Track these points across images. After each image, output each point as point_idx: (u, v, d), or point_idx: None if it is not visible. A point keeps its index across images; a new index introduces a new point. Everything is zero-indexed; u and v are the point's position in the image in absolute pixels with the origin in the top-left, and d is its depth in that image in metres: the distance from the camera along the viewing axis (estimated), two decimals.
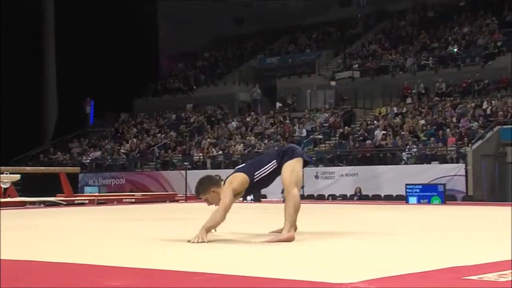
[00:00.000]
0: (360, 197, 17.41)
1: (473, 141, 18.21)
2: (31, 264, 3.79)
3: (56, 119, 31.29)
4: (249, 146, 23.15)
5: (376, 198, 17.48)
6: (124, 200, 15.93)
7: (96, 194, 18.28)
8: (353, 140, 20.77)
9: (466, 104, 21.29)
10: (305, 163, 5.17)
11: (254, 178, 4.97)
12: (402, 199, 15.19)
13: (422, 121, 20.74)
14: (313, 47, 30.78)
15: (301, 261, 3.84)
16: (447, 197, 14.50)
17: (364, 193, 17.69)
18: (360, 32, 30.93)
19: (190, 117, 28.02)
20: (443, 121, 20.31)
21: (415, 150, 19.25)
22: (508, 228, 5.99)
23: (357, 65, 27.16)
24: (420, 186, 14.42)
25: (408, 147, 19.32)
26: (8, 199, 13.84)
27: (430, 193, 14.15)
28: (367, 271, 3.31)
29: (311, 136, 22.54)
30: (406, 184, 14.61)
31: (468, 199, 16.49)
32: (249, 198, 16.28)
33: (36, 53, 30.47)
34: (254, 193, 5.32)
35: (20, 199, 14.23)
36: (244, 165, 5.34)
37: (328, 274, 3.28)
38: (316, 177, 19.31)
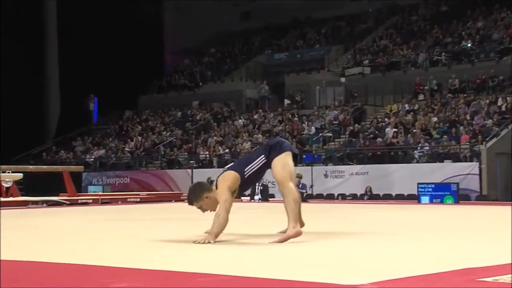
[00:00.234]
0: (370, 196, 17.39)
1: (487, 139, 18.13)
2: (33, 265, 3.78)
3: (58, 117, 31.38)
4: (257, 144, 23.12)
5: (387, 197, 17.46)
6: (128, 199, 15.96)
7: (100, 193, 18.33)
8: (363, 138, 20.73)
9: (480, 101, 21.19)
10: (294, 156, 5.22)
11: (245, 174, 5.03)
12: (414, 198, 15.16)
13: (435, 119, 20.67)
14: (323, 42, 30.72)
15: (309, 262, 3.82)
16: (460, 196, 14.47)
17: (374, 192, 17.67)
18: (371, 27, 30.85)
19: (196, 115, 28.04)
20: (456, 119, 20.23)
21: (427, 148, 19.19)
22: None
23: (367, 60, 27.09)
24: (433, 185, 14.40)
25: (420, 145, 19.26)
26: (10, 199, 13.89)
27: (443, 193, 14.12)
28: (378, 273, 3.29)
29: (320, 134, 22.51)
30: (418, 183, 14.58)
31: (482, 198, 16.44)
32: (256, 197, 16.33)
33: (38, 50, 30.56)
34: (247, 190, 5.36)
35: (22, 198, 14.27)
36: (232, 164, 5.41)
37: (337, 276, 3.26)
38: (326, 176, 19.30)
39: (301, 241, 4.77)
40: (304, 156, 20.68)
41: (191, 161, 22.55)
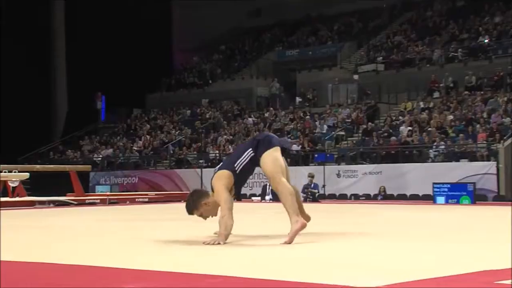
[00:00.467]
0: (384, 196, 17.34)
1: (505, 138, 18.03)
2: (42, 266, 3.79)
3: (66, 115, 31.53)
4: (287, 150, 23.08)
5: (401, 197, 17.40)
6: (137, 199, 16.01)
7: (107, 193, 18.39)
8: (377, 137, 20.68)
9: (498, 98, 21.06)
10: (283, 150, 5.22)
11: (236, 169, 5.05)
12: (429, 199, 15.09)
13: (451, 117, 20.58)
14: (335, 39, 30.66)
15: (320, 264, 3.81)
16: (477, 197, 14.40)
17: (388, 192, 17.62)
18: (385, 23, 30.75)
19: (205, 113, 28.07)
20: (473, 117, 20.13)
21: (443, 147, 19.10)
22: None
23: (381, 57, 27.00)
24: (449, 185, 14.34)
25: (435, 144, 19.18)
26: (17, 199, 13.96)
27: (459, 193, 14.06)
28: (394, 275, 3.28)
29: (333, 133, 22.47)
30: (434, 183, 14.52)
31: (499, 199, 16.34)
32: (267, 197, 16.33)
33: (46, 48, 30.72)
34: (242, 185, 5.37)
35: (29, 198, 14.35)
36: (221, 163, 5.42)
37: (350, 277, 3.24)
38: (338, 175, 19.26)
39: (312, 242, 4.76)
40: (316, 155, 20.66)
41: (200, 161, 22.59)
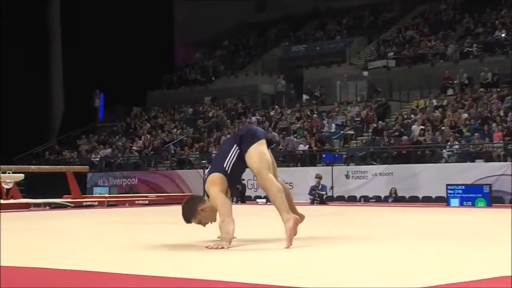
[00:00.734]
0: (395, 198, 17.32)
1: None
2: (39, 272, 3.79)
3: (62, 114, 31.59)
4: (273, 143, 23.08)
5: (413, 200, 17.38)
6: (136, 201, 16.03)
7: (106, 195, 18.43)
8: (387, 136, 20.66)
9: None
10: (269, 143, 5.19)
11: (226, 169, 5.02)
12: (442, 201, 15.08)
13: (465, 115, 20.54)
14: (344, 34, 30.63)
15: (326, 268, 3.80)
16: (493, 199, 14.36)
17: (400, 194, 17.59)
18: (396, 17, 30.71)
19: (208, 111, 28.09)
20: (489, 115, 20.08)
21: (457, 147, 19.06)
22: None
23: (392, 53, 26.97)
24: (463, 187, 14.32)
25: (449, 143, 19.15)
26: (11, 201, 13.99)
27: (474, 195, 14.04)
28: (409, 280, 3.26)
29: (341, 132, 22.45)
30: (447, 185, 14.51)
31: None
32: None
33: (41, 44, 30.76)
34: (237, 185, 5.37)
35: (23, 200, 14.39)
36: (210, 167, 5.36)
37: (368, 283, 3.23)
38: (347, 176, 19.24)
39: (317, 246, 4.74)
40: (324, 156, 20.64)
41: (202, 161, 22.59)
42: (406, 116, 22.32)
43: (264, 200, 16.50)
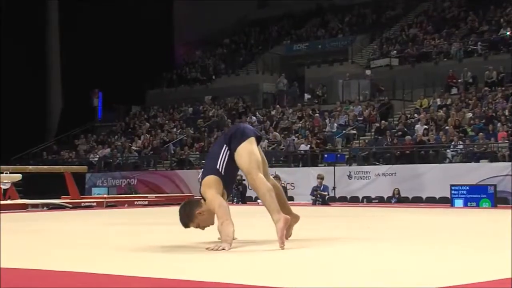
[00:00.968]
0: (398, 199, 17.31)
1: None
2: (38, 273, 3.80)
3: (60, 113, 31.58)
4: (274, 142, 23.12)
5: (417, 200, 17.38)
6: (136, 202, 16.03)
7: (105, 195, 18.43)
8: (390, 136, 20.65)
9: None
10: (258, 139, 5.17)
11: (220, 171, 5.00)
12: (446, 202, 15.07)
13: (469, 114, 20.53)
14: (346, 32, 30.63)
15: (326, 269, 3.80)
16: (498, 200, 14.34)
17: (403, 195, 17.59)
18: (399, 14, 30.70)
19: (208, 111, 28.09)
20: (494, 114, 20.07)
21: (461, 147, 19.05)
22: None
23: (395, 51, 26.97)
24: (467, 188, 14.30)
25: (453, 143, 19.14)
26: (8, 201, 13.99)
27: (479, 195, 14.02)
28: (410, 282, 3.26)
29: (344, 131, 22.45)
30: (451, 185, 14.49)
31: None
32: None
33: (39, 43, 30.75)
34: (233, 185, 5.36)
35: (21, 201, 14.40)
36: (202, 170, 5.33)
37: (368, 284, 3.23)
38: (349, 177, 19.24)
39: (318, 247, 4.74)
40: (325, 156, 20.64)
41: (202, 161, 22.55)
42: (409, 116, 22.32)
43: None
